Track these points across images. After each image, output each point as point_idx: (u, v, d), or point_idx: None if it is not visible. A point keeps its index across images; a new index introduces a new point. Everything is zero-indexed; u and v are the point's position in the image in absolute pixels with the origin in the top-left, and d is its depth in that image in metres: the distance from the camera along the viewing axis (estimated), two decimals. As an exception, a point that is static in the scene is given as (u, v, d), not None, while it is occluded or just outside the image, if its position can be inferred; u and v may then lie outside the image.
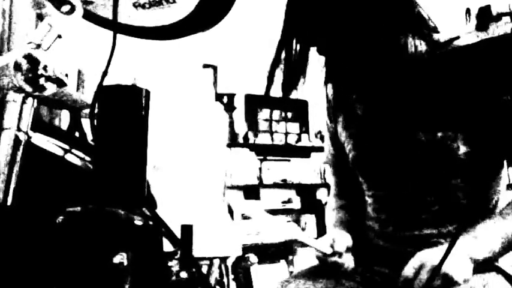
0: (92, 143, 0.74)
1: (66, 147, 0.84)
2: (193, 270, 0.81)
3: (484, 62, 0.81)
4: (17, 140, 0.68)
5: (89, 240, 0.67)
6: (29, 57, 0.67)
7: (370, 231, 1.08)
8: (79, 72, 1.87)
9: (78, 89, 1.75)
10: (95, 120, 0.71)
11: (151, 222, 0.71)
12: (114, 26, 0.74)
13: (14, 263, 0.75)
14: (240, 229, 3.70)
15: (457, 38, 0.89)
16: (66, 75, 0.71)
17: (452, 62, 0.89)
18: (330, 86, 1.18)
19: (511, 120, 0.87)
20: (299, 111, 4.61)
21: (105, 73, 0.71)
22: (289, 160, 4.42)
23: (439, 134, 0.92)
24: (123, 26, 0.83)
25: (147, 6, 0.81)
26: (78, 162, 0.83)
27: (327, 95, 1.20)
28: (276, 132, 4.48)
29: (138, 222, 0.69)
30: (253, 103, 4.34)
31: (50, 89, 0.69)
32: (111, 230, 0.68)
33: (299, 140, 4.56)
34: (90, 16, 0.82)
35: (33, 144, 0.74)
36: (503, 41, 0.69)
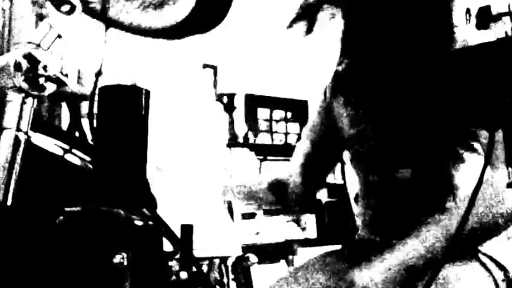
0: (92, 143, 0.74)
1: (66, 147, 0.84)
2: (193, 270, 0.81)
3: (484, 63, 0.81)
4: (17, 140, 0.68)
5: (88, 240, 0.67)
6: (29, 57, 0.67)
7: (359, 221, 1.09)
8: (79, 72, 1.86)
9: (78, 88, 1.74)
10: (94, 121, 0.71)
11: (151, 222, 0.71)
12: (105, 21, 0.74)
13: (14, 263, 0.75)
14: (240, 229, 3.70)
15: None
16: (66, 75, 0.71)
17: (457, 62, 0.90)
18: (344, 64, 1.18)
19: None
20: (299, 111, 4.60)
21: (98, 73, 0.72)
22: (289, 160, 4.39)
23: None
24: (123, 25, 0.83)
25: (147, 6, 0.81)
26: (78, 162, 0.83)
27: (336, 71, 1.20)
28: (276, 132, 4.48)
29: (138, 222, 0.69)
30: (254, 103, 4.33)
31: (50, 89, 0.69)
32: (111, 230, 0.68)
33: (299, 140, 4.55)
34: (91, 12, 0.83)
35: (33, 144, 0.74)
36: (503, 41, 0.69)
